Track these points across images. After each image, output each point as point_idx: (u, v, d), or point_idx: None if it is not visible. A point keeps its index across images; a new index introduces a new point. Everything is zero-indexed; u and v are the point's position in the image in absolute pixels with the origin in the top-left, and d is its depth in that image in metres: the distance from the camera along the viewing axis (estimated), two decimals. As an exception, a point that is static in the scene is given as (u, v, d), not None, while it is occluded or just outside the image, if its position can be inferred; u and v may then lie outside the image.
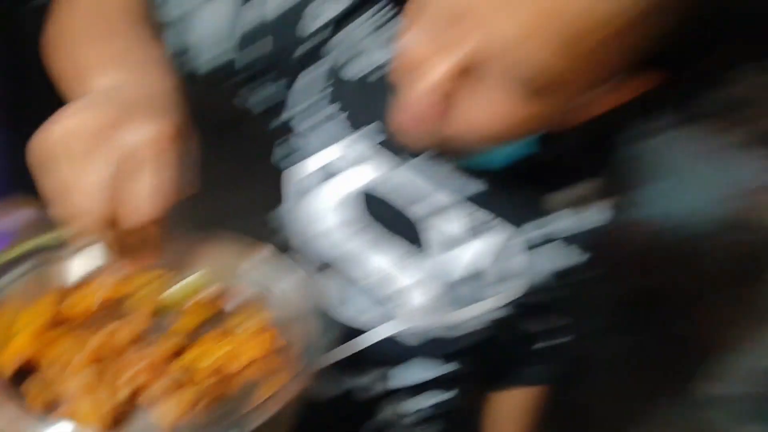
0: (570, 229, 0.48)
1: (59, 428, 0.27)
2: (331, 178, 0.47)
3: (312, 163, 0.47)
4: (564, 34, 0.27)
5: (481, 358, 0.57)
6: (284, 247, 0.52)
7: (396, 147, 0.44)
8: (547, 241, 0.48)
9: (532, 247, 0.48)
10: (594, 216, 0.48)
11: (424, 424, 0.59)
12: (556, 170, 0.47)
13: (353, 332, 0.51)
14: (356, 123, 0.46)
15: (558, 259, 0.49)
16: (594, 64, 0.30)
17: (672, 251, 1.16)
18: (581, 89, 0.32)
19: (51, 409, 0.29)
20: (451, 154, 0.43)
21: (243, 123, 0.56)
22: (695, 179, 1.12)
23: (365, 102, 0.46)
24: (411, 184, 0.46)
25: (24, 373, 0.31)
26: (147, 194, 0.27)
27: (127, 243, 0.29)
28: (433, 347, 0.53)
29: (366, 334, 0.51)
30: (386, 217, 0.47)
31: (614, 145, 0.48)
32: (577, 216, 0.48)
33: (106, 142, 0.26)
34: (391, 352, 0.53)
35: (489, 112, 0.33)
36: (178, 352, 0.34)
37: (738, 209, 1.18)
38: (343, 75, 0.46)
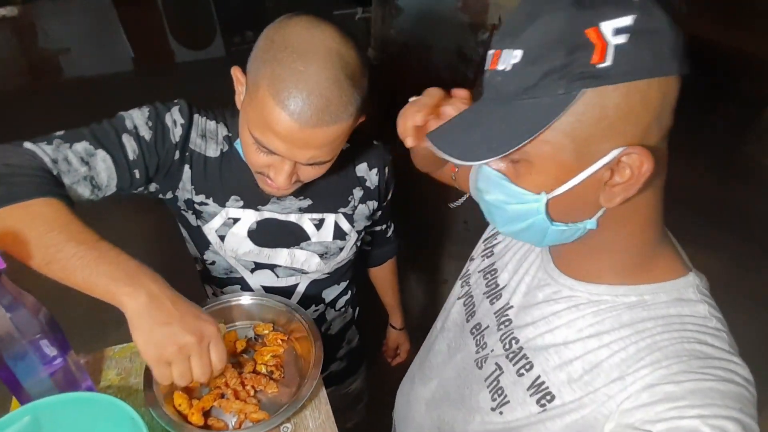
0: (361, 197, 0.89)
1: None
2: (235, 224, 0.82)
3: (217, 220, 0.81)
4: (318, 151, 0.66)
5: (357, 266, 1.03)
6: (225, 270, 0.86)
7: (254, 200, 0.82)
8: (354, 209, 0.89)
9: (348, 215, 0.89)
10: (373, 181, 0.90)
11: (343, 310, 1.05)
12: (340, 181, 0.87)
13: (291, 289, 0.91)
14: (226, 194, 0.81)
15: (365, 211, 0.91)
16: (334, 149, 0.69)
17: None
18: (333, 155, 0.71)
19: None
20: (294, 193, 0.80)
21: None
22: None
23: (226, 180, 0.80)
24: (280, 211, 0.83)
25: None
26: (219, 358, 0.59)
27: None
28: (334, 276, 0.96)
29: (298, 287, 0.91)
30: (276, 228, 0.84)
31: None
32: (363, 192, 0.89)
33: (187, 346, 0.55)
34: (315, 289, 0.95)
35: (310, 173, 0.72)
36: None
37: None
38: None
